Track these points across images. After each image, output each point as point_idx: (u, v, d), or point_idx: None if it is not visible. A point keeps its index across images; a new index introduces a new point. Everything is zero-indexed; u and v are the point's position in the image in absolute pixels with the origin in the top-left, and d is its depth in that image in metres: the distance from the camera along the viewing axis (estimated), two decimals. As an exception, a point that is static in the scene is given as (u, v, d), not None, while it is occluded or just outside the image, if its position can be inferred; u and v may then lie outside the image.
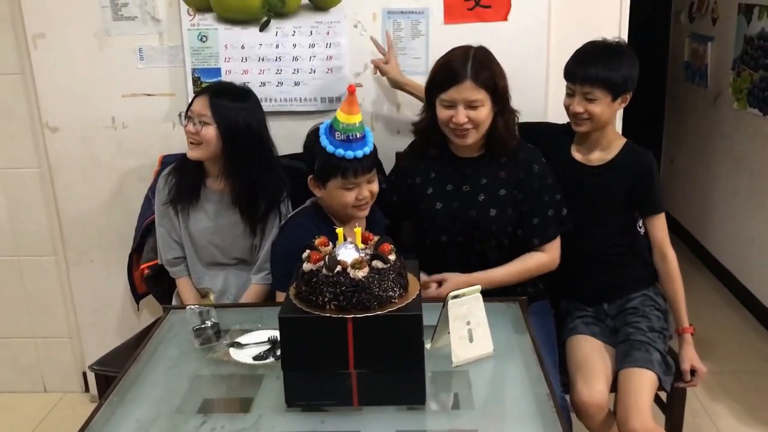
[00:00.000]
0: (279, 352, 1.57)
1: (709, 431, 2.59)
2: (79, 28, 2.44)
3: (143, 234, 2.36)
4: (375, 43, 2.38)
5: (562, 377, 1.99)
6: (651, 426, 1.86)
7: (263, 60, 2.44)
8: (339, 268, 1.38)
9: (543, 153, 2.08)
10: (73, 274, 2.73)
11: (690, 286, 2.18)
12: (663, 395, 2.11)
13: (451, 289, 1.65)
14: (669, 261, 2.08)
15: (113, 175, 2.60)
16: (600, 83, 1.96)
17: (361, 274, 1.37)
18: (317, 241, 1.48)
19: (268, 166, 2.13)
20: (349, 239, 1.47)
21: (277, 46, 2.43)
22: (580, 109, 2.00)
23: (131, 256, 2.40)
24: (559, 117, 2.20)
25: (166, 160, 2.42)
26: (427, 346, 1.58)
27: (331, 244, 1.48)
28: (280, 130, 2.26)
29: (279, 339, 1.48)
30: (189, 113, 2.08)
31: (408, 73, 2.39)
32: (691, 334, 2.08)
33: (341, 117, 1.82)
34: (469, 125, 1.95)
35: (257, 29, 2.41)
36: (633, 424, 1.86)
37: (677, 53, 4.56)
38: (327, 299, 1.37)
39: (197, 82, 2.45)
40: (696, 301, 2.66)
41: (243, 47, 2.43)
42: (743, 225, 3.57)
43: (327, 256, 1.40)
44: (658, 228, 2.09)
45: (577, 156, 2.13)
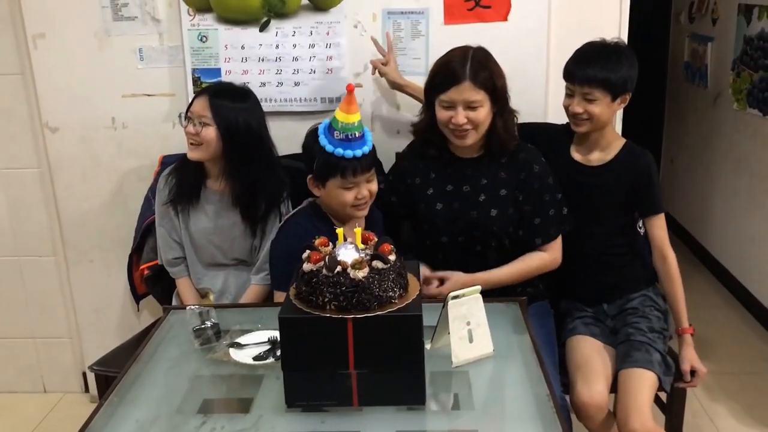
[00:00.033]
0: (279, 353, 1.57)
1: (708, 431, 2.59)
2: (79, 28, 2.44)
3: (143, 234, 2.36)
4: (375, 44, 2.37)
5: (562, 377, 1.99)
6: (651, 426, 1.86)
7: (263, 60, 2.44)
8: (339, 269, 1.38)
9: (542, 153, 2.08)
10: (73, 274, 2.73)
11: (690, 286, 2.18)
12: (663, 395, 2.11)
13: (452, 288, 1.65)
14: (669, 261, 2.08)
15: (113, 176, 2.60)
16: (599, 84, 1.96)
17: (361, 274, 1.37)
18: (317, 242, 1.48)
19: (268, 166, 2.13)
20: (349, 239, 1.47)
21: (277, 47, 2.43)
22: (579, 109, 2.00)
23: (131, 256, 2.40)
24: (558, 117, 2.20)
25: (166, 161, 2.42)
26: (427, 346, 1.58)
27: (331, 244, 1.48)
28: (280, 131, 2.26)
29: (279, 339, 1.48)
30: (189, 114, 2.08)
31: (408, 73, 2.39)
32: (691, 335, 2.08)
33: (340, 116, 1.81)
34: (468, 126, 1.94)
35: (257, 29, 2.41)
36: (633, 425, 1.86)
37: (677, 53, 4.56)
38: (327, 299, 1.37)
39: (197, 83, 2.45)
40: (696, 302, 2.65)
41: (243, 47, 2.43)
42: (743, 225, 3.57)
43: (327, 257, 1.40)
44: (657, 228, 2.09)
45: (576, 156, 2.13)
